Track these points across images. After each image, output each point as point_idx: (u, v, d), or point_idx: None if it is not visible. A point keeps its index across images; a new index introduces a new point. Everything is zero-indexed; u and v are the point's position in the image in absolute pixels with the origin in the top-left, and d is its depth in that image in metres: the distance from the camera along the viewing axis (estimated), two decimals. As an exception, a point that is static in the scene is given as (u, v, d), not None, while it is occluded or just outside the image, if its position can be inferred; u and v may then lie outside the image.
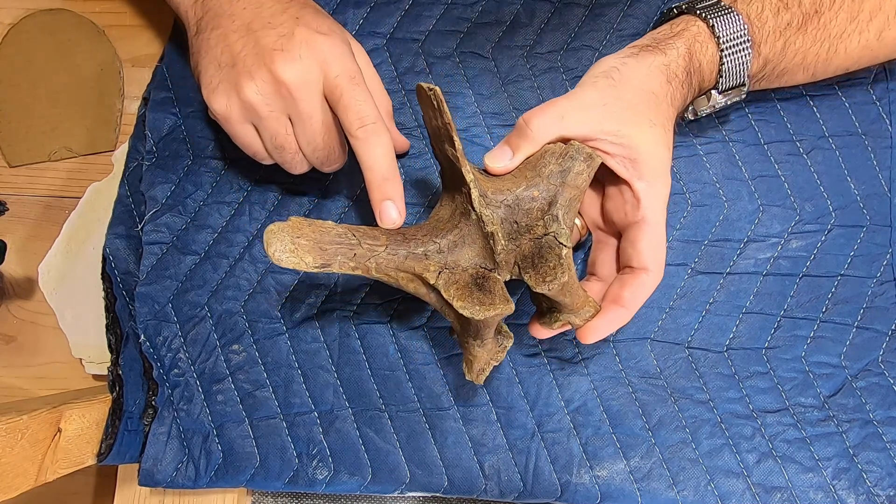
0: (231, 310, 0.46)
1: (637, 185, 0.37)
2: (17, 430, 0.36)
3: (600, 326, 0.37)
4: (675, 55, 0.38)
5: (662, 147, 0.37)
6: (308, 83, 0.37)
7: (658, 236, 0.37)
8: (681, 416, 0.45)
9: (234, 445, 0.45)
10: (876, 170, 0.47)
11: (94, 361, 0.48)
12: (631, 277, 0.37)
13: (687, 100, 0.40)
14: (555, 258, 0.34)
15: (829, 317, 0.46)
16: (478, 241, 0.35)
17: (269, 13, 0.38)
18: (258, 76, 0.36)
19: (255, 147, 0.40)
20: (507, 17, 0.49)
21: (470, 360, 0.37)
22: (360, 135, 0.37)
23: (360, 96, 0.37)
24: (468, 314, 0.33)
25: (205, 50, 0.38)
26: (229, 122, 0.38)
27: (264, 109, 0.37)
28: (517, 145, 0.37)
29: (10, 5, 0.52)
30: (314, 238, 0.33)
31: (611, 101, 0.36)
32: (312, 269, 0.33)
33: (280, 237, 0.32)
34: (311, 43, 0.37)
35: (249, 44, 0.37)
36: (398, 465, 0.44)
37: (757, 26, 0.39)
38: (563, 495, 0.44)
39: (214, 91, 0.38)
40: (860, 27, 0.40)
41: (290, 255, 0.32)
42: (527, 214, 0.36)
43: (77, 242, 0.49)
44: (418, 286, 0.36)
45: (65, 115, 0.51)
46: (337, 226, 0.34)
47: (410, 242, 0.35)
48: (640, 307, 0.37)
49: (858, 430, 0.44)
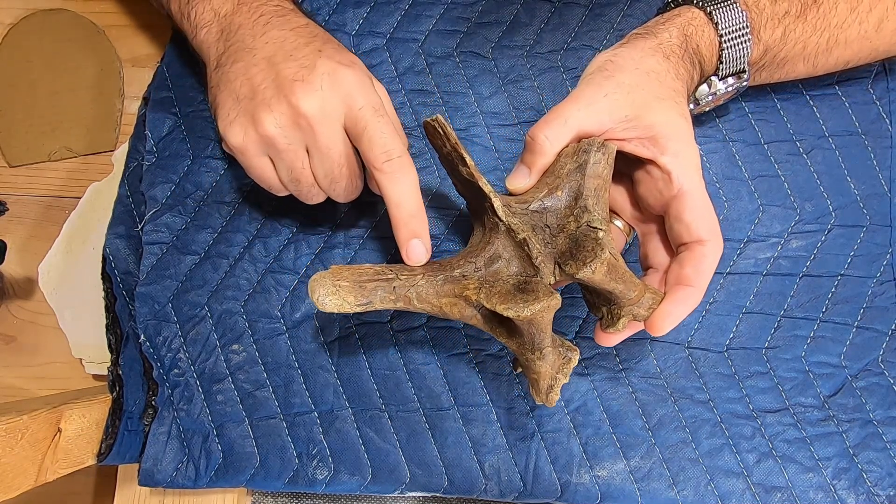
0: (231, 310, 0.46)
1: (663, 160, 0.35)
2: (17, 430, 0.36)
3: (671, 311, 0.35)
4: (667, 36, 0.38)
5: (676, 116, 0.36)
6: (328, 115, 0.36)
7: (702, 202, 0.35)
8: (681, 416, 0.45)
9: (234, 445, 0.45)
10: (876, 170, 0.47)
11: (94, 361, 0.48)
12: (688, 254, 0.35)
13: (693, 77, 0.39)
14: (592, 242, 0.33)
15: (829, 317, 0.46)
16: (513, 251, 0.35)
17: (292, 46, 0.37)
18: (277, 108, 0.35)
19: (270, 180, 0.39)
20: (507, 17, 0.49)
21: (535, 380, 0.35)
22: (386, 169, 0.35)
23: (385, 129, 0.36)
24: (513, 314, 0.31)
25: (224, 83, 0.38)
26: (245, 155, 0.37)
27: (282, 142, 0.36)
28: (531, 161, 0.37)
29: (10, 5, 0.52)
30: (353, 279, 0.34)
31: (611, 90, 0.36)
32: (356, 308, 0.33)
33: (322, 283, 0.33)
34: (334, 74, 0.36)
35: (270, 76, 0.36)
36: (398, 465, 0.44)
37: (755, 13, 0.39)
38: (563, 495, 0.44)
39: (231, 123, 0.37)
40: (860, 17, 0.40)
41: (332, 297, 0.33)
42: (556, 215, 0.36)
43: (77, 242, 0.49)
44: (463, 308, 0.35)
45: (65, 115, 0.51)
46: (374, 266, 0.35)
47: (447, 268, 0.35)
48: (708, 282, 0.35)
49: (858, 430, 0.44)
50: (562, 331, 0.46)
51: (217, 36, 0.40)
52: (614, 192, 0.41)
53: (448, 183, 0.47)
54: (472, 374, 0.45)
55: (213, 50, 0.40)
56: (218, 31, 0.40)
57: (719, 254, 0.35)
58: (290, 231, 0.47)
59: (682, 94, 0.37)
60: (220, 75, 0.38)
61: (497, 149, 0.48)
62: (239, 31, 0.39)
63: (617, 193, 0.41)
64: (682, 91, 0.37)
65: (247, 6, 0.39)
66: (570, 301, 0.46)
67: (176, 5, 0.42)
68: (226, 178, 0.48)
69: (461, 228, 0.47)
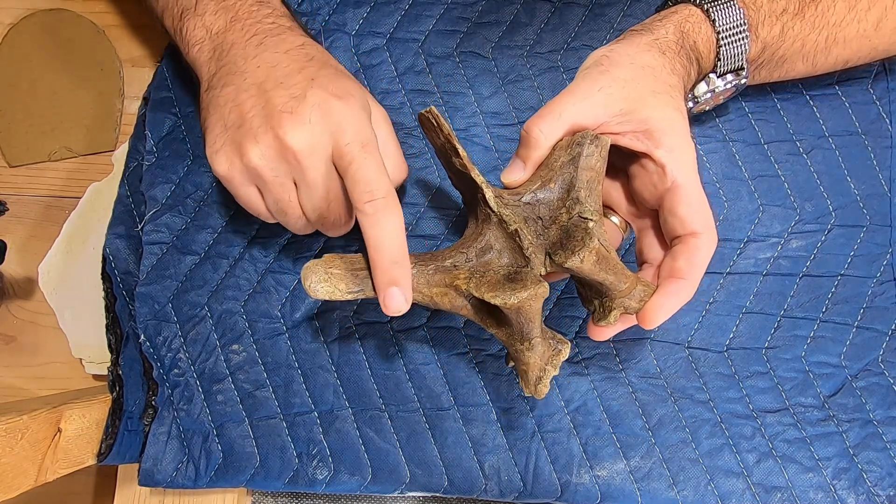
0: (231, 310, 0.46)
1: (657, 153, 0.35)
2: (17, 430, 0.36)
3: (663, 304, 0.34)
4: (663, 32, 0.38)
5: (672, 110, 0.36)
6: (315, 149, 0.34)
7: (696, 195, 0.35)
8: (681, 415, 0.45)
9: (234, 445, 0.45)
10: (876, 170, 0.47)
11: (94, 361, 0.48)
12: (682, 246, 0.35)
13: (690, 73, 0.39)
14: (581, 231, 0.33)
15: (829, 317, 0.46)
16: (505, 243, 0.35)
17: (284, 73, 0.36)
18: (263, 140, 0.34)
19: (257, 208, 0.38)
20: (507, 17, 0.49)
21: (524, 371, 0.35)
22: (367, 210, 0.33)
23: (371, 166, 0.34)
24: (500, 302, 0.31)
25: (213, 107, 0.37)
26: (231, 184, 0.37)
27: (268, 174, 0.35)
28: (526, 156, 0.37)
29: (10, 5, 0.52)
30: (345, 267, 0.35)
31: (606, 84, 0.36)
32: (347, 295, 0.34)
33: (314, 270, 0.34)
34: (324, 106, 0.35)
35: (259, 104, 0.35)
36: (398, 464, 0.44)
37: (753, 10, 0.39)
38: (563, 495, 0.44)
39: (217, 152, 0.36)
40: (858, 16, 0.41)
41: (324, 284, 0.34)
42: (548, 207, 0.36)
43: (77, 242, 0.49)
44: (453, 298, 0.35)
45: (65, 115, 0.51)
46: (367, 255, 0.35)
47: (438, 258, 0.36)
48: (701, 276, 0.35)
49: (858, 430, 0.44)
50: (562, 331, 0.46)
51: (209, 55, 0.39)
52: (610, 188, 0.41)
53: (448, 183, 0.47)
54: (472, 374, 0.45)
55: (204, 70, 0.39)
56: (210, 49, 0.39)
57: (713, 247, 0.35)
58: (291, 231, 0.47)
59: (677, 89, 0.37)
60: (211, 98, 0.37)
61: (497, 149, 0.48)
62: (231, 50, 0.37)
63: (612, 189, 0.41)
64: (677, 86, 0.37)
65: (240, 23, 0.38)
66: (571, 301, 0.46)
67: (169, 20, 0.41)
68: (226, 178, 0.48)
69: (461, 228, 0.47)
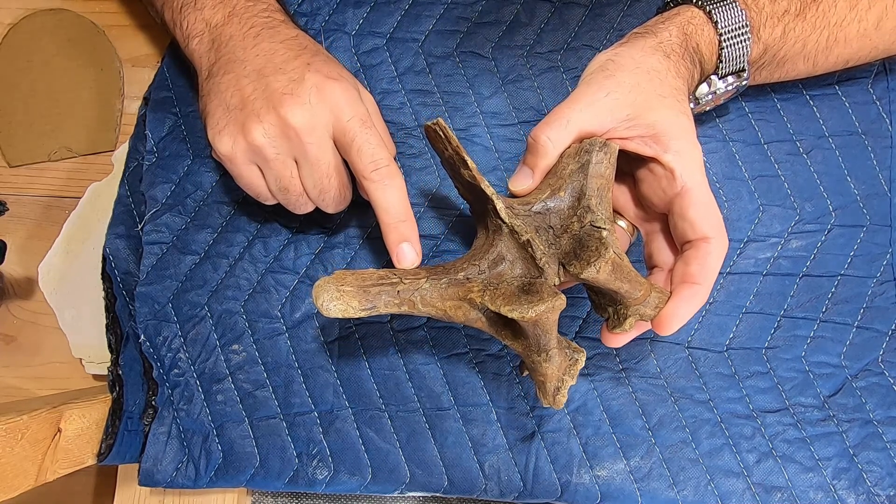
0: (231, 310, 0.46)
1: (665, 157, 0.35)
2: (17, 430, 0.36)
3: (678, 310, 0.35)
4: (666, 35, 0.38)
5: (678, 114, 0.36)
6: (317, 127, 0.37)
7: (705, 199, 0.35)
8: (681, 415, 0.45)
9: (234, 445, 0.45)
10: (876, 170, 0.47)
11: (94, 361, 0.48)
12: (693, 251, 0.35)
13: (694, 76, 0.39)
14: (595, 241, 0.33)
15: (829, 317, 0.46)
16: (517, 253, 0.35)
17: (282, 59, 0.38)
18: (266, 119, 0.37)
19: (258, 188, 0.40)
20: (507, 17, 0.49)
21: (541, 382, 0.35)
22: (374, 177, 0.37)
23: (372, 140, 0.37)
24: (517, 316, 0.31)
25: (214, 93, 0.39)
26: (233, 164, 0.39)
27: (271, 152, 0.38)
28: (534, 163, 0.37)
29: (10, 5, 0.52)
30: (357, 284, 0.34)
31: (612, 89, 0.36)
32: (360, 312, 0.33)
33: (326, 289, 0.33)
34: (322, 87, 0.37)
35: (260, 88, 0.37)
36: (398, 464, 0.44)
37: (755, 11, 0.39)
38: (563, 495, 0.44)
39: (220, 132, 0.38)
40: (859, 15, 0.41)
41: (337, 302, 0.33)
42: (559, 216, 0.35)
43: (77, 242, 0.49)
44: (467, 311, 0.35)
45: (65, 115, 0.51)
46: (378, 270, 0.35)
47: (451, 271, 0.35)
48: (714, 280, 0.35)
49: (858, 430, 0.44)
50: (562, 331, 0.46)
51: (208, 46, 0.41)
52: (617, 192, 0.41)
53: (448, 184, 0.47)
54: (472, 374, 0.45)
55: (204, 60, 0.41)
56: (209, 41, 0.40)
57: (724, 251, 0.35)
58: (290, 231, 0.47)
59: (683, 92, 0.37)
60: (211, 85, 0.39)
61: (497, 149, 0.48)
62: (230, 42, 0.40)
63: (619, 193, 0.41)
64: (682, 89, 0.38)
65: (238, 17, 0.40)
66: (571, 301, 0.46)
67: (169, 14, 0.43)
68: (226, 178, 0.48)
69: (461, 229, 0.47)
